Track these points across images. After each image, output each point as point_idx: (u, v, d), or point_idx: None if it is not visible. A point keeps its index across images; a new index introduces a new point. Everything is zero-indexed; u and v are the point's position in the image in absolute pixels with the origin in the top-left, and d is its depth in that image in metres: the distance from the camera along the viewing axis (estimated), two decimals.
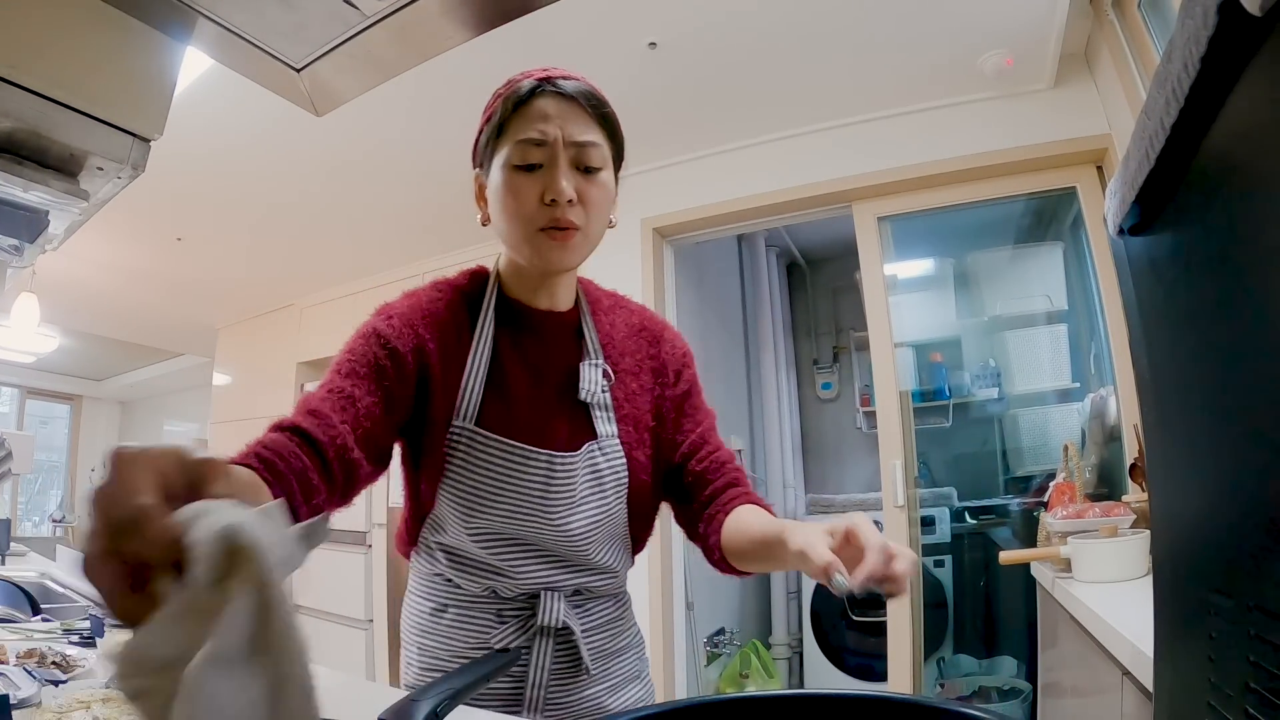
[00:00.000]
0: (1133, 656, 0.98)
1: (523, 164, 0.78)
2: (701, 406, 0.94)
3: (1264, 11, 0.28)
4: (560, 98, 0.78)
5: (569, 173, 0.78)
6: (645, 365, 0.91)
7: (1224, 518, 0.42)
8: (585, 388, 0.85)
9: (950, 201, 2.55)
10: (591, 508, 0.84)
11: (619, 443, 0.86)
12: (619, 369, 0.89)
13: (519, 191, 0.78)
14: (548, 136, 0.77)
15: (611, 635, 0.91)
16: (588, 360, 0.87)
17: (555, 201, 0.76)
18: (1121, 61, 1.99)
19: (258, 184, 3.08)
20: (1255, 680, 0.36)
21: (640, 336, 0.93)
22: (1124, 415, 2.14)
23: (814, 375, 4.39)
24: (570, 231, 0.79)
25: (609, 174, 0.82)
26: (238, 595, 0.31)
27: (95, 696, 0.82)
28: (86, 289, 4.47)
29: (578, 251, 0.81)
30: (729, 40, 2.17)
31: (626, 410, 0.87)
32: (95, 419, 8.32)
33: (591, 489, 0.84)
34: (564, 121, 0.78)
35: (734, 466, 0.89)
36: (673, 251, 3.06)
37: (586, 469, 0.84)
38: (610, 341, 0.90)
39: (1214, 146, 0.38)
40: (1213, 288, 0.41)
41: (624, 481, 0.86)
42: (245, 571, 0.31)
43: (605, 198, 0.81)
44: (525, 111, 0.78)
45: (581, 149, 0.78)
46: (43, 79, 0.99)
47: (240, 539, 0.31)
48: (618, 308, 0.95)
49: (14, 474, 2.94)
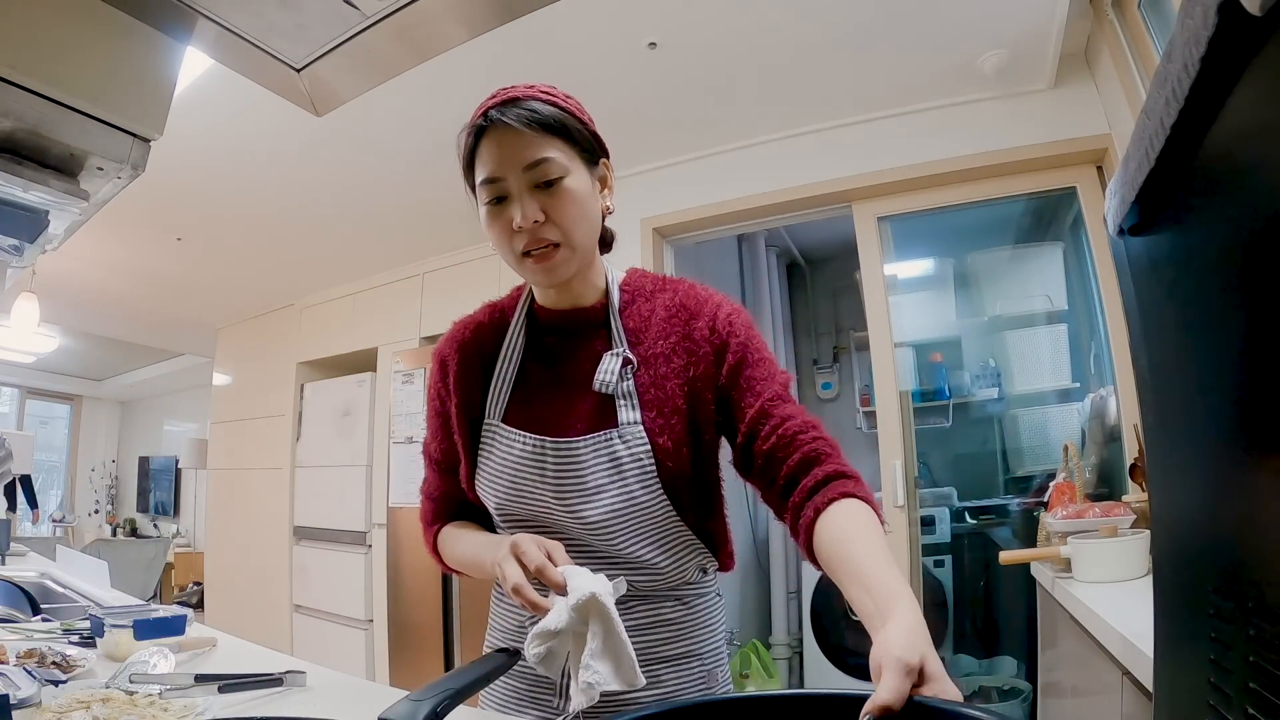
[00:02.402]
0: (1133, 656, 0.98)
1: (491, 199, 0.82)
2: (762, 375, 0.85)
3: (1264, 11, 0.28)
4: (501, 128, 0.80)
5: (528, 197, 0.80)
6: (679, 347, 0.88)
7: (1224, 518, 0.42)
8: (599, 377, 0.85)
9: (950, 201, 2.55)
10: (611, 496, 0.83)
11: (642, 429, 0.84)
12: (649, 354, 0.87)
13: (495, 225, 0.83)
14: (500, 173, 0.81)
15: (665, 639, 0.87)
16: (610, 350, 0.87)
17: (521, 228, 0.80)
18: (1121, 61, 1.99)
19: (258, 184, 3.09)
20: (1255, 680, 0.36)
21: (676, 318, 0.90)
22: (1124, 415, 2.15)
23: (814, 375, 4.39)
24: (549, 250, 0.82)
25: (576, 176, 0.83)
26: (593, 621, 0.69)
27: (95, 696, 0.82)
28: (86, 289, 4.47)
29: (566, 264, 0.84)
30: (729, 40, 2.17)
31: (652, 395, 0.85)
32: (95, 419, 8.33)
33: (610, 477, 0.83)
34: (513, 151, 0.80)
35: (810, 438, 0.80)
36: (673, 251, 3.06)
37: (600, 456, 0.83)
38: (644, 328, 0.89)
39: (1214, 146, 0.38)
40: (1213, 288, 0.41)
41: (649, 469, 0.83)
42: (596, 610, 0.69)
43: (576, 203, 0.82)
44: (481, 149, 0.83)
45: (534, 169, 0.80)
46: (43, 79, 0.99)
47: (595, 599, 0.69)
48: (662, 291, 0.93)
49: (14, 474, 2.94)
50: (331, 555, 4.10)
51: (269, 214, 3.43)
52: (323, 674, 1.01)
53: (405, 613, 3.61)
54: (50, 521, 7.27)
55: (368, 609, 3.86)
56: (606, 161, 0.89)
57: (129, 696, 0.84)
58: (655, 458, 0.83)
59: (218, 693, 0.89)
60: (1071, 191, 2.41)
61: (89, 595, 1.76)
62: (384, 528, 3.74)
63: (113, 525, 7.68)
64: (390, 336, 4.00)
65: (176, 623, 1.20)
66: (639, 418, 0.84)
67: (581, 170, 0.84)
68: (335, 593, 4.06)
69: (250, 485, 4.75)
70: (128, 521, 7.72)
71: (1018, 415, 3.11)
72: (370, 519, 3.88)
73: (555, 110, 0.83)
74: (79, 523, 7.56)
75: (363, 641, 3.86)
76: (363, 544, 3.92)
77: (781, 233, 4.02)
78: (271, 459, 4.57)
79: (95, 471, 8.09)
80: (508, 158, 0.80)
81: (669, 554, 0.87)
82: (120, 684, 0.89)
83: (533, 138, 0.80)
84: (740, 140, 2.77)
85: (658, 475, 0.84)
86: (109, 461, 8.25)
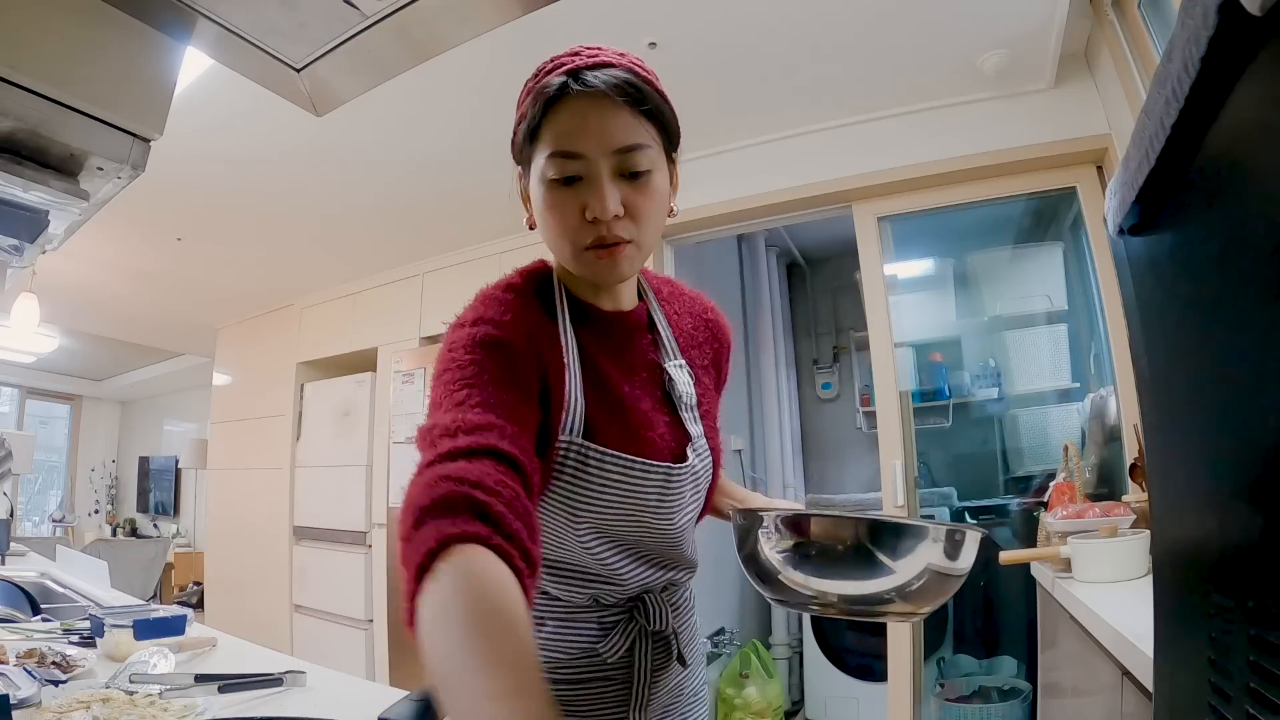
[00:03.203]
0: (1133, 656, 0.98)
1: (560, 177, 0.69)
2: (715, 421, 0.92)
3: (1264, 11, 0.28)
4: (594, 97, 0.68)
5: (612, 184, 0.69)
6: (711, 360, 0.91)
7: (1224, 518, 0.42)
8: (681, 390, 0.82)
9: (950, 201, 2.55)
10: (693, 508, 0.84)
11: (706, 442, 0.85)
12: (694, 366, 0.88)
13: (559, 209, 0.70)
14: (584, 149, 0.68)
15: (689, 623, 0.91)
16: (670, 361, 0.84)
17: (599, 219, 0.69)
18: (1121, 61, 1.99)
19: (258, 184, 3.08)
20: (1255, 680, 0.36)
21: (705, 330, 0.91)
22: (1124, 415, 2.15)
23: (814, 375, 4.39)
24: (620, 246, 0.71)
25: (661, 174, 0.73)
26: None
27: (95, 696, 0.82)
28: (86, 289, 4.47)
29: (631, 264, 0.74)
30: (729, 40, 2.17)
31: (706, 407, 0.87)
32: (95, 419, 8.32)
33: (694, 492, 0.84)
34: (601, 126, 0.68)
35: None
36: (673, 251, 3.06)
37: (691, 475, 0.84)
38: (681, 336, 0.89)
39: (1214, 146, 0.38)
40: (1213, 288, 0.41)
41: (708, 480, 0.85)
42: None
43: (657, 203, 0.73)
44: (556, 114, 0.69)
45: (625, 155, 0.69)
46: (43, 79, 0.99)
47: None
48: (677, 296, 0.92)
49: (14, 474, 2.94)
50: (331, 555, 4.10)
51: (269, 214, 3.43)
52: (323, 674, 1.01)
53: None
54: (50, 522, 7.27)
55: (368, 609, 3.86)
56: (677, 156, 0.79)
57: (129, 696, 0.84)
58: (714, 467, 0.86)
59: (218, 693, 0.89)
60: (1071, 191, 2.41)
61: (89, 595, 1.76)
62: (384, 528, 3.73)
63: (113, 525, 7.68)
64: (390, 336, 4.00)
65: (176, 623, 1.20)
66: (701, 430, 0.85)
67: (664, 165, 0.74)
68: (335, 593, 4.05)
69: (250, 485, 4.75)
70: (128, 521, 7.72)
71: (1018, 415, 3.11)
72: (370, 519, 3.88)
73: (654, 90, 0.72)
74: (79, 523, 7.55)
75: (363, 641, 3.86)
76: (362, 544, 3.92)
77: (781, 233, 4.02)
78: (271, 459, 4.57)
79: (95, 471, 8.09)
80: (599, 134, 0.68)
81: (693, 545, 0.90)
82: (120, 684, 0.89)
83: (630, 118, 0.69)
84: (740, 140, 2.77)
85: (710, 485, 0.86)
86: (109, 461, 8.25)
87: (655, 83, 0.73)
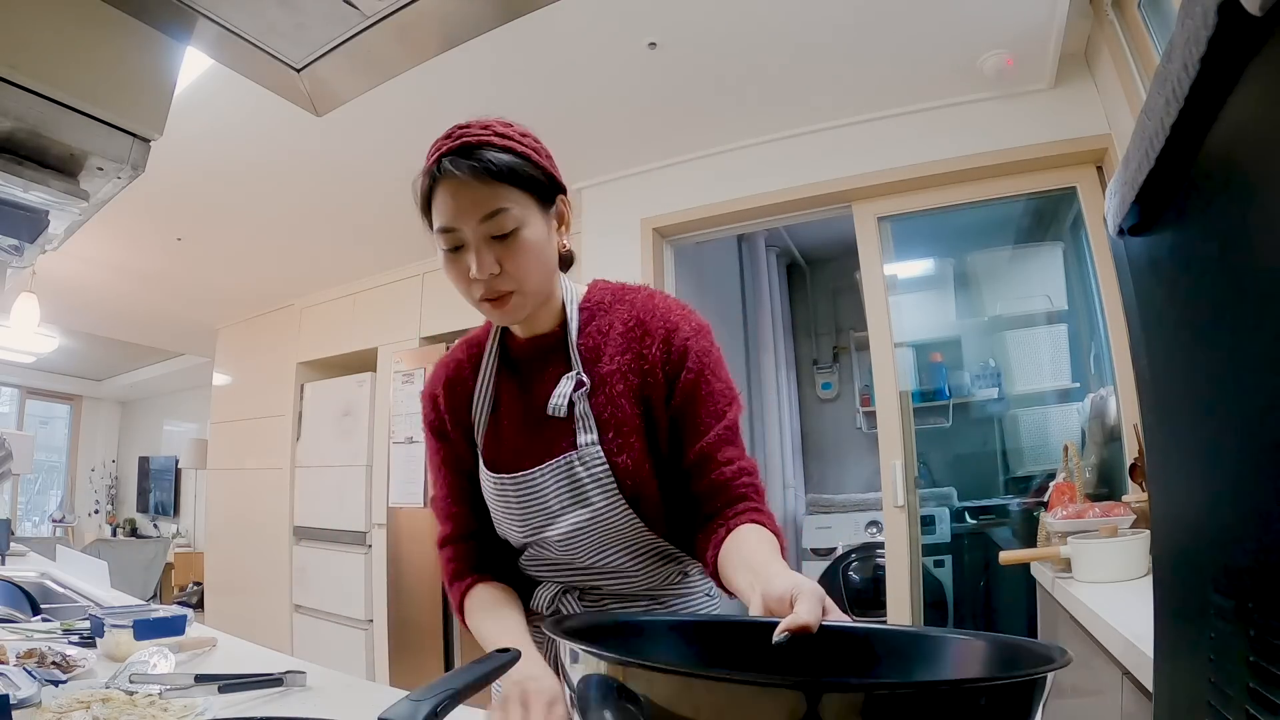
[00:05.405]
0: (1133, 656, 0.98)
1: (448, 248, 0.81)
2: (710, 411, 0.86)
3: (1264, 11, 0.28)
4: (457, 180, 0.78)
5: (484, 250, 0.79)
6: (633, 366, 0.87)
7: (1224, 518, 0.42)
8: (552, 402, 0.86)
9: (950, 201, 2.55)
10: (574, 516, 0.86)
11: (600, 450, 0.85)
12: (605, 373, 0.87)
13: (452, 272, 0.83)
14: (455, 224, 0.79)
15: None
16: (569, 374, 0.87)
17: (478, 279, 0.80)
18: (1121, 61, 1.99)
19: (258, 184, 3.08)
20: (1255, 680, 0.36)
21: (631, 334, 0.88)
22: (1124, 415, 2.15)
23: (814, 375, 4.39)
24: (505, 297, 0.82)
25: (531, 226, 0.81)
26: None
27: (95, 696, 0.82)
28: (86, 289, 4.47)
29: (519, 309, 0.84)
30: (729, 40, 2.17)
31: (608, 414, 0.86)
32: (95, 419, 8.32)
33: (572, 499, 0.85)
34: (468, 202, 0.78)
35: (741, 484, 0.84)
36: (673, 251, 3.06)
37: (559, 481, 0.86)
38: (600, 344, 0.89)
39: (1214, 147, 0.38)
40: (1213, 288, 0.41)
41: (610, 488, 0.85)
42: None
43: (529, 253, 0.81)
44: (436, 195, 0.80)
45: (489, 221, 0.78)
46: (43, 79, 0.99)
47: None
48: (620, 303, 0.92)
49: (14, 474, 2.94)
50: (331, 555, 4.10)
51: (269, 214, 3.42)
52: (323, 674, 1.01)
53: (405, 613, 3.61)
54: (50, 521, 7.27)
55: (368, 609, 3.86)
56: (564, 198, 0.87)
57: (129, 696, 0.84)
58: (615, 476, 0.85)
59: (218, 693, 0.89)
60: (1071, 191, 2.41)
61: (89, 595, 1.76)
62: (384, 528, 3.74)
63: (113, 525, 7.68)
64: (390, 336, 4.00)
65: (176, 623, 1.20)
66: (596, 438, 0.85)
67: (537, 217, 0.82)
68: (335, 593, 4.06)
69: (250, 485, 4.75)
70: (128, 522, 7.72)
71: (1018, 415, 3.11)
72: (370, 519, 3.88)
73: (510, 158, 0.80)
74: (79, 523, 7.56)
75: (363, 641, 3.86)
76: (363, 544, 3.92)
77: (781, 233, 4.02)
78: (271, 459, 4.57)
79: (95, 471, 8.09)
80: (463, 209, 0.78)
81: (637, 560, 0.90)
82: (120, 684, 0.89)
83: (487, 190, 0.78)
84: (740, 140, 2.77)
85: (620, 493, 0.85)
86: (109, 461, 8.25)
87: (515, 147, 0.81)
